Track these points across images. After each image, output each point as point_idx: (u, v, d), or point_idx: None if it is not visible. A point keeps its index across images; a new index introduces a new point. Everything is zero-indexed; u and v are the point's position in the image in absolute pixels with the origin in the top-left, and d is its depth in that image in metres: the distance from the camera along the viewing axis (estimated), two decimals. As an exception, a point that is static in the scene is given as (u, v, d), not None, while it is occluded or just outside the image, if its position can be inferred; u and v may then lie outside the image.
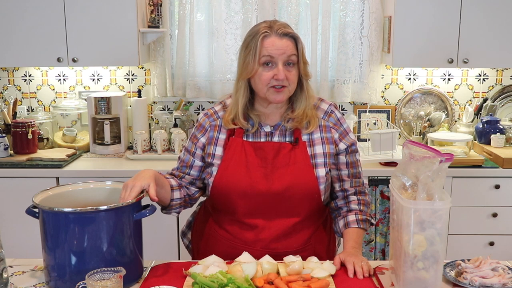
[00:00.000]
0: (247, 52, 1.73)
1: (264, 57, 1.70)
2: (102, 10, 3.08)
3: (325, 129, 1.82)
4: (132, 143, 3.40)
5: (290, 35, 1.72)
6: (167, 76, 3.43)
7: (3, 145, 3.11)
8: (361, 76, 3.46)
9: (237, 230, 1.80)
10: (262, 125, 1.81)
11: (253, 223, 1.77)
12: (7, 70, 3.49)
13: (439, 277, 1.46)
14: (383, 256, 3.10)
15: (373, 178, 3.01)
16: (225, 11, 3.35)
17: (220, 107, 1.88)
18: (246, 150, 1.77)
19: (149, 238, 1.92)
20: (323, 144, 1.80)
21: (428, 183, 1.42)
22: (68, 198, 1.68)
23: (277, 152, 1.77)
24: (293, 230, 1.79)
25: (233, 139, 1.79)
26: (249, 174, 1.74)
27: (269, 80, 1.70)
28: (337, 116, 1.85)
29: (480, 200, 3.03)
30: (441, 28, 3.10)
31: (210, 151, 1.82)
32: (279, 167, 1.76)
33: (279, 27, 1.72)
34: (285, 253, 1.71)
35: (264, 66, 1.71)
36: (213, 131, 1.83)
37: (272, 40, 1.70)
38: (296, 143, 1.78)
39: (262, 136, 1.80)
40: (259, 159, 1.76)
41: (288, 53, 1.71)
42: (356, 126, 3.45)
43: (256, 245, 1.77)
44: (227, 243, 1.82)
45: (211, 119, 1.85)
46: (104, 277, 1.40)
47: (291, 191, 1.74)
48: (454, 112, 3.49)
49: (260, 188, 1.74)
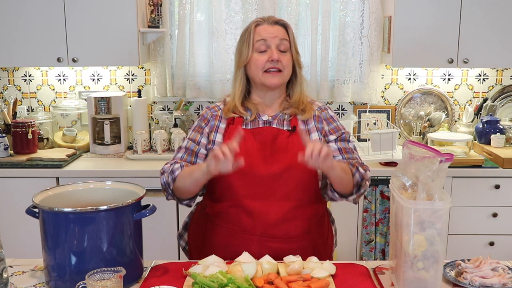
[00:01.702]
0: (242, 42, 1.85)
1: (258, 42, 1.81)
2: (102, 10, 3.08)
3: (318, 119, 1.89)
4: (132, 143, 3.40)
5: (281, 23, 1.85)
6: (167, 76, 3.43)
7: (3, 145, 3.11)
8: (361, 76, 3.46)
9: (236, 216, 1.80)
10: (260, 115, 1.87)
11: (251, 206, 1.77)
12: (7, 70, 3.49)
13: (439, 277, 1.47)
14: (383, 256, 3.10)
15: (373, 178, 3.01)
16: (225, 11, 3.35)
17: (221, 102, 1.95)
18: (245, 135, 1.80)
19: (149, 238, 1.92)
20: (318, 132, 1.86)
21: (428, 183, 1.42)
22: (68, 198, 1.68)
23: (275, 137, 1.81)
24: (291, 216, 1.79)
25: (232, 126, 1.84)
26: (248, 157, 1.76)
27: (264, 63, 1.80)
28: (329, 113, 1.92)
29: (480, 200, 3.03)
30: (441, 28, 3.10)
31: (211, 137, 1.87)
32: (277, 151, 1.79)
33: (269, 17, 1.87)
34: (283, 240, 1.73)
35: (258, 52, 1.81)
36: (214, 120, 1.90)
37: (264, 27, 1.84)
38: (294, 130, 1.82)
39: (260, 124, 1.85)
40: (258, 143, 1.80)
41: (280, 37, 1.82)
42: (356, 126, 3.45)
43: (255, 230, 1.77)
44: (225, 231, 1.82)
45: (213, 110, 1.93)
46: (104, 277, 1.40)
47: (289, 173, 1.77)
48: (454, 112, 3.49)
49: (258, 170, 1.77)
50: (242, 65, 1.84)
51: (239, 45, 1.87)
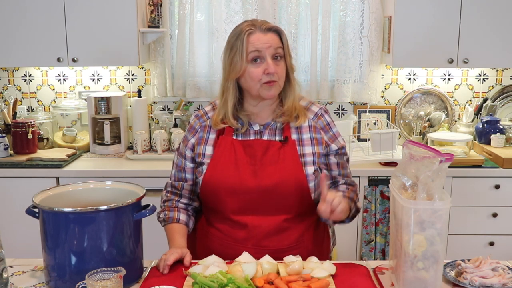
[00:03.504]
0: (233, 52, 1.74)
1: (252, 53, 1.72)
2: (102, 10, 3.08)
3: (314, 129, 1.83)
4: (132, 143, 3.40)
5: (273, 29, 1.76)
6: (167, 76, 3.43)
7: (3, 145, 3.11)
8: (361, 76, 3.46)
9: (228, 228, 1.79)
10: (251, 123, 1.82)
11: (243, 221, 1.76)
12: (7, 70, 3.49)
13: (439, 277, 1.46)
14: (383, 256, 3.10)
15: (373, 178, 3.01)
16: (225, 11, 3.35)
17: (210, 107, 1.90)
18: (236, 148, 1.78)
19: (149, 238, 1.92)
20: (312, 145, 1.81)
21: (428, 183, 1.42)
22: (68, 198, 1.68)
23: (266, 150, 1.78)
24: (283, 228, 1.78)
25: (222, 137, 1.80)
26: (238, 171, 1.75)
27: (260, 76, 1.72)
28: (326, 120, 1.86)
29: (480, 200, 3.03)
30: (441, 28, 3.10)
31: (200, 151, 1.83)
32: (268, 164, 1.76)
33: (261, 23, 1.76)
34: (276, 251, 1.72)
35: (252, 63, 1.73)
36: (203, 131, 1.85)
37: (257, 36, 1.73)
38: (286, 141, 1.79)
39: (251, 135, 1.82)
40: (248, 156, 1.77)
41: (274, 46, 1.73)
42: (356, 126, 3.45)
43: (247, 242, 1.76)
44: (218, 241, 1.81)
45: (201, 120, 1.88)
46: (104, 277, 1.40)
47: (280, 188, 1.74)
48: (454, 112, 3.49)
49: (249, 185, 1.74)
50: (235, 77, 1.75)
51: (229, 53, 1.75)
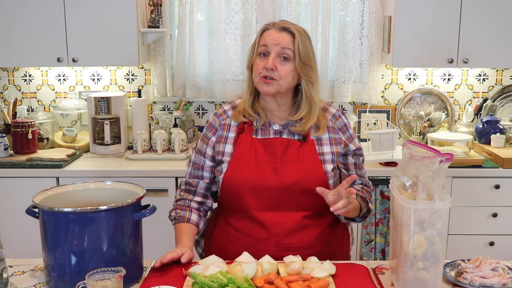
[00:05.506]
0: (253, 44, 1.82)
1: (261, 47, 1.77)
2: (102, 10, 3.08)
3: (332, 130, 1.85)
4: (132, 143, 3.39)
5: (288, 30, 1.77)
6: (167, 76, 3.43)
7: (3, 145, 3.11)
8: (361, 76, 3.46)
9: (249, 227, 1.80)
10: (271, 123, 1.84)
11: (264, 219, 1.77)
12: (7, 70, 3.49)
13: (439, 277, 1.46)
14: (383, 256, 3.10)
15: (373, 178, 3.01)
16: (225, 11, 3.35)
17: (229, 106, 1.91)
18: (256, 146, 1.80)
19: (149, 238, 1.92)
20: (331, 145, 1.84)
21: (428, 183, 1.42)
22: (68, 198, 1.68)
23: (286, 148, 1.80)
24: (304, 225, 1.79)
25: (242, 136, 1.82)
26: (258, 169, 1.76)
27: (261, 69, 1.76)
28: (344, 121, 1.89)
29: (480, 200, 3.02)
30: (441, 28, 3.10)
31: (219, 149, 1.84)
32: (288, 162, 1.78)
33: (280, 22, 1.80)
34: (298, 248, 1.74)
35: (260, 56, 1.78)
36: (222, 130, 1.86)
37: (271, 32, 1.78)
38: (305, 140, 1.81)
39: (271, 134, 1.83)
40: (269, 154, 1.79)
41: (282, 45, 1.75)
42: (356, 126, 3.45)
43: (270, 241, 1.77)
44: (240, 243, 1.81)
45: (221, 118, 1.89)
46: (104, 277, 1.40)
47: (300, 185, 1.76)
48: (454, 112, 3.49)
49: (269, 183, 1.76)
50: (248, 67, 1.83)
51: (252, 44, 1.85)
